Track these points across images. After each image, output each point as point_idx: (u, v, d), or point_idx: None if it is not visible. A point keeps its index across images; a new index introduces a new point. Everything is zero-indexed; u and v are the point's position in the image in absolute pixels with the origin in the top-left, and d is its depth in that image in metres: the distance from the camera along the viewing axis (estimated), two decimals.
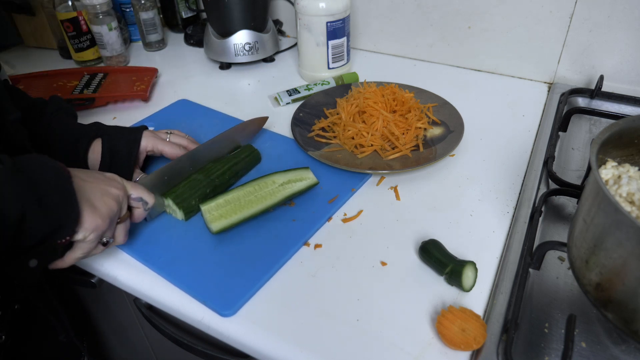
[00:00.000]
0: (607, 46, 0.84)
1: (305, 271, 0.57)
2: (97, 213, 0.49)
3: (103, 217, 0.50)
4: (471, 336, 0.46)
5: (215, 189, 0.66)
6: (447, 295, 0.53)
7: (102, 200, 0.50)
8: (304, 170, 0.66)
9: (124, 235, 0.56)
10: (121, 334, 0.89)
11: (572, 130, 0.79)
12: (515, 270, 0.54)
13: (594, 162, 0.44)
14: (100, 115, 0.90)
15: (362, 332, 0.50)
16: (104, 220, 0.50)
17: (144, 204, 0.57)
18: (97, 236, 0.50)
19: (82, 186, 0.49)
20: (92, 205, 0.49)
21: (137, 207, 0.57)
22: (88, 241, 0.50)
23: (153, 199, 0.59)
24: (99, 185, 0.51)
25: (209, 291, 0.54)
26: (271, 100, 0.93)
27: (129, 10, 1.16)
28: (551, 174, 0.66)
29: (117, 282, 0.59)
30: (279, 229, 0.61)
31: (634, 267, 0.40)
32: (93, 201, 0.49)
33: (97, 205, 0.50)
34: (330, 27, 0.89)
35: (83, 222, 0.48)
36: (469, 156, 0.75)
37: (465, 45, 0.97)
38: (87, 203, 0.49)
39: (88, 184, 0.50)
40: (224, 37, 1.02)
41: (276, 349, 0.49)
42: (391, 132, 0.73)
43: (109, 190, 0.52)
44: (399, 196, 0.67)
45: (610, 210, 0.41)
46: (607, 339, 0.49)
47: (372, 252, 0.59)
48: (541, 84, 0.93)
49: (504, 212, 0.64)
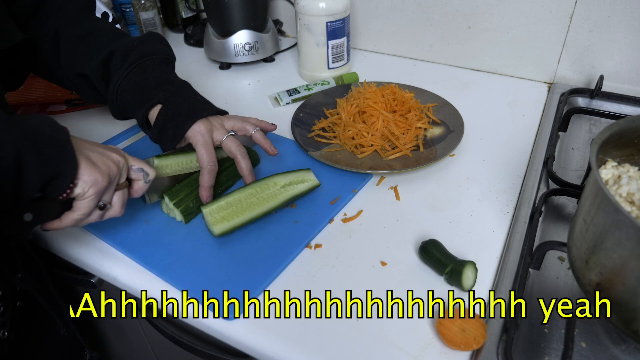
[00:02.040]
0: (607, 46, 0.84)
1: (306, 271, 0.57)
2: (96, 168, 0.49)
3: (102, 173, 0.49)
4: (471, 336, 0.46)
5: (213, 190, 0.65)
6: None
7: (101, 159, 0.50)
8: (306, 171, 0.66)
9: (120, 204, 0.54)
10: (121, 334, 0.89)
11: (572, 130, 0.79)
12: (515, 270, 0.54)
13: (594, 162, 0.44)
14: (100, 115, 0.89)
15: (362, 332, 0.50)
16: (103, 176, 0.49)
17: (144, 175, 0.56)
18: (96, 192, 0.49)
19: (80, 144, 0.49)
20: (90, 160, 0.49)
21: (138, 179, 0.56)
22: (87, 197, 0.49)
23: (154, 173, 0.57)
24: (97, 148, 0.51)
25: (211, 294, 0.53)
26: (271, 100, 0.93)
27: (129, 10, 1.16)
28: (551, 174, 0.66)
29: (117, 282, 0.59)
30: (280, 231, 0.61)
31: (634, 267, 0.40)
32: (92, 158, 0.49)
33: (95, 161, 0.49)
34: (330, 27, 0.89)
35: (82, 174, 0.48)
36: (469, 156, 0.75)
37: (465, 45, 0.97)
38: (85, 157, 0.48)
39: (86, 144, 0.50)
40: (224, 37, 1.02)
41: (276, 348, 0.49)
42: (391, 132, 0.73)
43: (109, 154, 0.52)
44: (399, 196, 0.67)
45: (610, 210, 0.41)
46: (607, 339, 0.49)
47: (372, 252, 0.59)
48: (541, 84, 0.93)
49: (504, 212, 0.64)
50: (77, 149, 0.48)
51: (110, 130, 0.83)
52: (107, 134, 0.82)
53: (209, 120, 0.64)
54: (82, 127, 0.86)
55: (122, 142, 0.81)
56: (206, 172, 0.62)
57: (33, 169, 0.43)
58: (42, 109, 0.91)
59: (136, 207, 0.66)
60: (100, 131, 0.84)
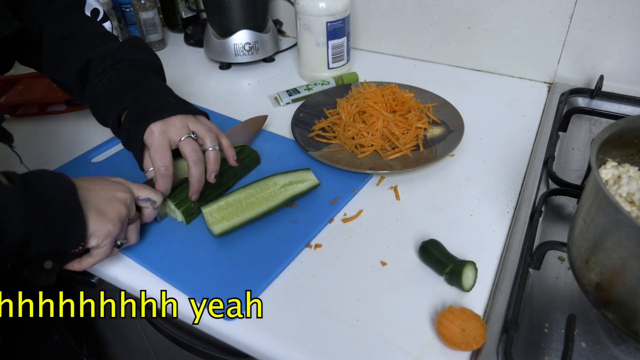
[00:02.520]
0: (607, 46, 0.84)
1: (306, 271, 0.57)
2: (107, 219, 0.50)
3: (113, 221, 0.51)
4: (471, 336, 0.46)
5: (213, 191, 0.65)
6: (447, 295, 0.53)
7: (110, 205, 0.51)
8: (306, 171, 0.66)
9: (136, 235, 0.57)
10: (121, 333, 0.89)
11: (572, 130, 0.79)
12: (515, 270, 0.54)
13: (594, 162, 0.44)
14: None
15: (362, 332, 0.50)
16: (114, 225, 0.51)
17: (152, 203, 0.57)
18: (111, 241, 0.51)
19: (87, 196, 0.50)
20: (100, 212, 0.50)
21: (146, 207, 0.57)
22: (103, 246, 0.51)
23: (161, 197, 0.58)
24: (104, 193, 0.52)
25: (212, 295, 0.53)
26: (271, 100, 0.93)
27: (129, 10, 1.16)
28: (551, 174, 0.66)
29: (117, 282, 0.59)
30: (280, 231, 0.61)
31: (634, 267, 0.40)
32: (101, 208, 0.50)
33: (105, 211, 0.50)
34: (330, 27, 0.89)
35: (94, 230, 0.49)
36: (469, 156, 0.75)
37: (465, 45, 0.97)
38: (94, 211, 0.49)
39: (93, 192, 0.51)
40: (224, 37, 1.02)
41: (276, 348, 0.49)
42: (391, 132, 0.73)
43: (115, 195, 0.52)
44: (399, 196, 0.67)
45: (610, 210, 0.41)
46: (607, 339, 0.49)
47: (372, 252, 0.59)
48: (541, 84, 0.93)
49: (504, 212, 0.64)
50: (84, 201, 0.49)
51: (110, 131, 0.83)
52: (107, 134, 0.82)
53: (168, 121, 0.59)
54: (82, 127, 0.86)
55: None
56: (159, 177, 0.58)
57: (40, 242, 0.44)
58: (42, 109, 0.91)
59: None
60: (100, 131, 0.84)
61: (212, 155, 0.61)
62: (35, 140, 0.84)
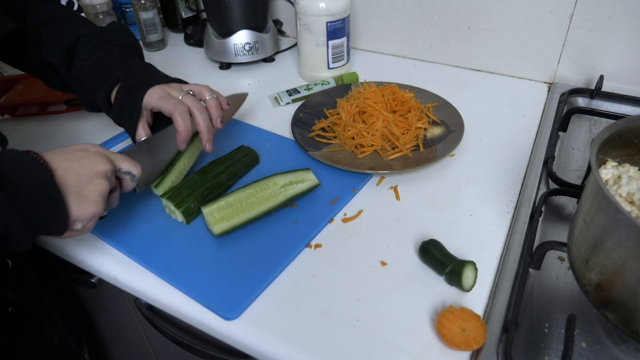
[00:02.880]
0: (607, 46, 0.84)
1: (306, 271, 0.57)
2: (89, 201, 0.48)
3: (96, 203, 0.49)
4: (471, 336, 0.46)
5: (212, 191, 0.65)
6: (447, 295, 0.53)
7: (91, 185, 0.49)
8: (306, 171, 0.66)
9: (117, 201, 0.56)
10: (121, 334, 0.89)
11: (572, 130, 0.79)
12: (515, 270, 0.54)
13: (594, 162, 0.44)
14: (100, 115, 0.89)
15: (362, 332, 0.50)
16: (97, 207, 0.49)
17: (131, 176, 0.56)
18: (96, 219, 0.50)
19: (66, 178, 0.47)
20: (81, 196, 0.48)
21: (125, 179, 0.56)
22: (89, 227, 0.50)
23: (140, 170, 0.57)
24: (84, 170, 0.49)
25: (212, 295, 0.54)
26: (271, 100, 0.93)
27: (129, 10, 1.16)
28: (551, 174, 0.66)
29: (117, 282, 0.59)
30: (280, 231, 0.61)
31: (634, 267, 0.40)
32: (82, 190, 0.48)
33: (87, 193, 0.48)
34: (330, 27, 0.89)
35: (78, 216, 0.48)
36: (469, 156, 0.75)
37: (465, 45, 0.97)
38: (75, 195, 0.47)
39: (72, 172, 0.48)
40: (224, 37, 1.02)
41: (276, 348, 0.49)
42: (391, 132, 0.73)
43: (96, 169, 0.50)
44: (399, 196, 0.67)
45: (610, 210, 0.41)
46: (607, 339, 0.49)
47: (372, 252, 0.59)
48: (541, 84, 0.93)
49: (504, 212, 0.64)
50: (64, 186, 0.46)
51: (110, 131, 0.83)
52: (107, 135, 0.82)
53: (165, 85, 0.64)
54: (82, 127, 0.86)
55: (122, 142, 0.81)
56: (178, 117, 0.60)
57: (20, 235, 0.44)
58: (42, 109, 0.91)
59: (136, 208, 0.66)
60: (100, 131, 0.84)
61: (212, 102, 0.65)
62: (35, 140, 0.84)
